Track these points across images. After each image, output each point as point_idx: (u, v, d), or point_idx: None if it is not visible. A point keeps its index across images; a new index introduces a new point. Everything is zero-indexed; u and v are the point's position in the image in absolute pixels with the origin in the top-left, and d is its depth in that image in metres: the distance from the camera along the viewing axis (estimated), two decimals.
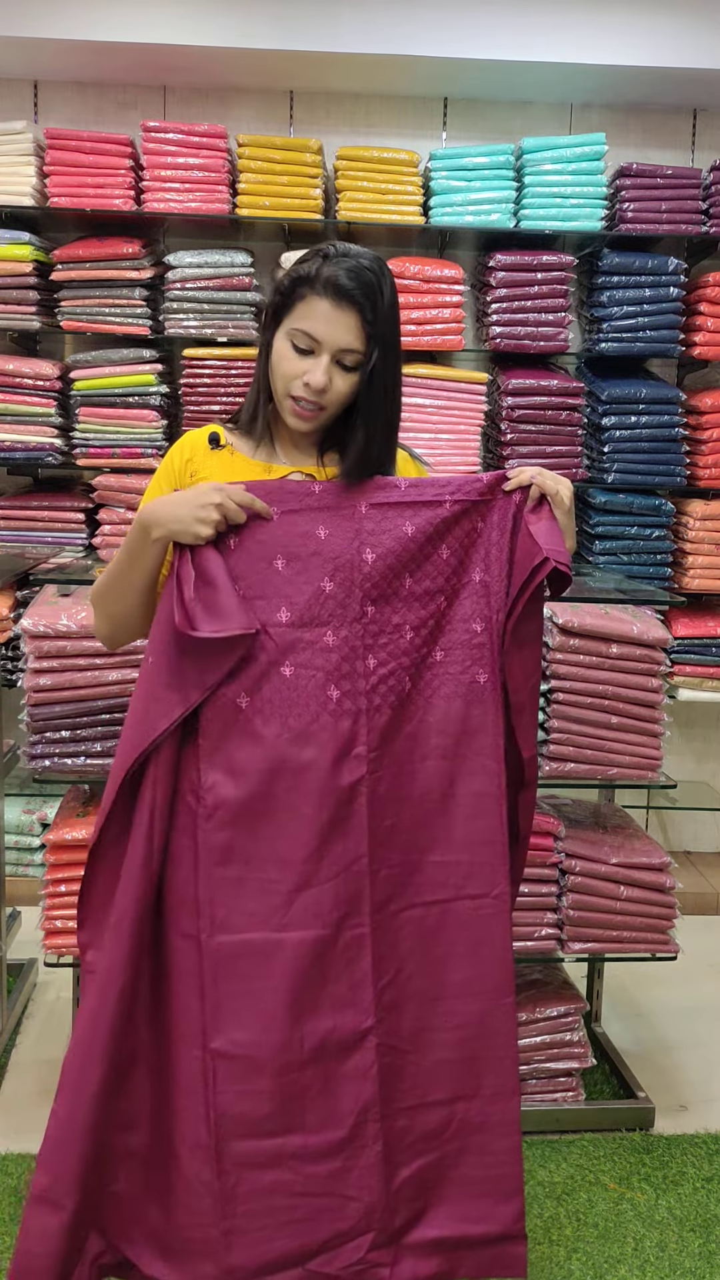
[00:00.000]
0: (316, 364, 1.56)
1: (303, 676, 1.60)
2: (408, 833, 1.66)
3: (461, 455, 3.72)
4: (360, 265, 1.56)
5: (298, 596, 1.60)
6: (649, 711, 2.49)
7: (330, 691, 1.60)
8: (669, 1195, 2.34)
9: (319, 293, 1.55)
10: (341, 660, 1.61)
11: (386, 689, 1.64)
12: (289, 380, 1.59)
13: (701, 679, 3.80)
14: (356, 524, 1.63)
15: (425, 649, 1.66)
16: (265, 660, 1.59)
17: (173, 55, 3.57)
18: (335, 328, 1.55)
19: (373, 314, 1.56)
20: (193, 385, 3.64)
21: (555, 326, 3.68)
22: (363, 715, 1.62)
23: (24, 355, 3.77)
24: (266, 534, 1.60)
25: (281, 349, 1.59)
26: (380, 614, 1.64)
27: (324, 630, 1.61)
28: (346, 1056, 1.61)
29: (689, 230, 3.68)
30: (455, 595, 1.67)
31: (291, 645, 1.59)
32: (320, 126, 3.90)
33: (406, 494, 1.65)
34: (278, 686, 1.59)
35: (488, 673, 1.67)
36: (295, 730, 1.60)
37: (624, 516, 3.76)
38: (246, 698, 1.59)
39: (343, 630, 1.61)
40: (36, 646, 2.36)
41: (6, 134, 3.54)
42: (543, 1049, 2.57)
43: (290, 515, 1.61)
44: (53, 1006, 3.06)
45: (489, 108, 3.93)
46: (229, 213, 3.60)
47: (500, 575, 1.67)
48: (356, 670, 1.62)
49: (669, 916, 2.54)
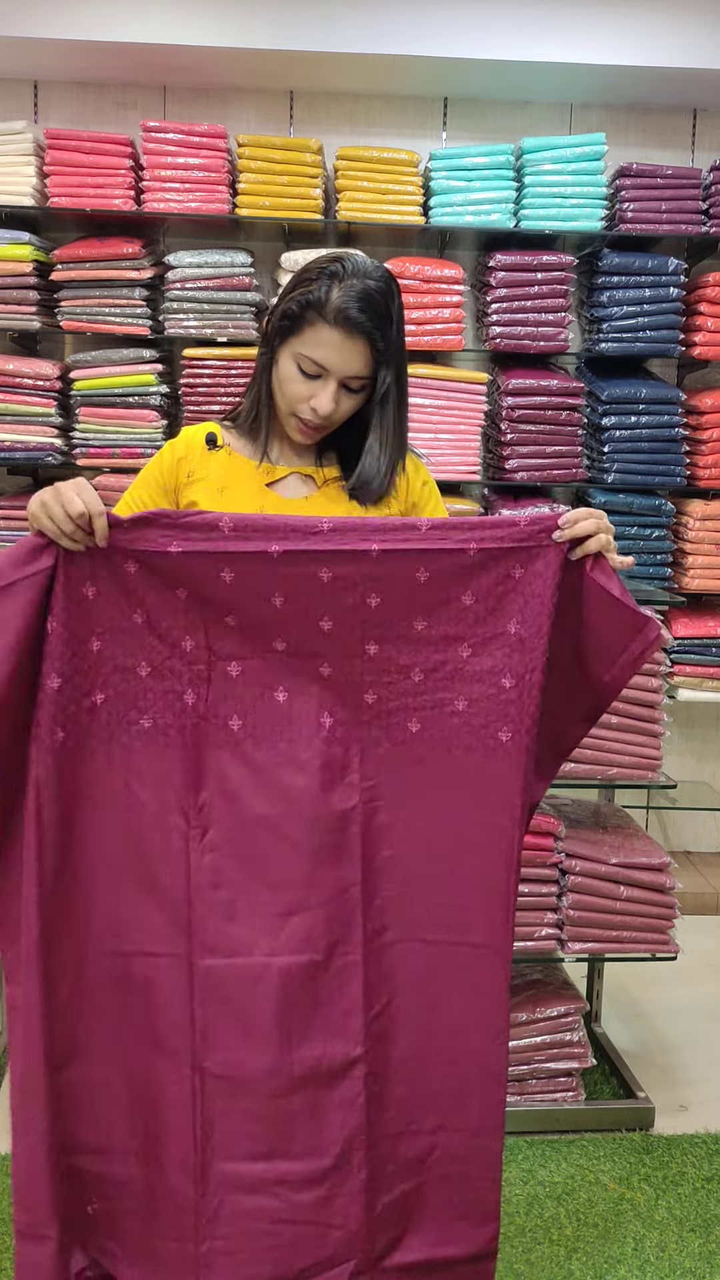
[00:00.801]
0: (324, 390, 1.55)
1: (296, 703, 1.56)
2: (410, 866, 1.62)
3: (461, 455, 3.72)
4: (370, 290, 1.53)
5: (294, 630, 1.55)
6: (649, 711, 2.49)
7: (323, 719, 1.57)
8: (669, 1195, 2.34)
9: (329, 322, 1.52)
10: (337, 692, 1.57)
11: (386, 724, 1.58)
12: (295, 402, 1.58)
13: (701, 679, 3.80)
14: (365, 569, 1.53)
15: (443, 695, 1.58)
16: (259, 684, 1.56)
17: (173, 55, 3.58)
18: (345, 357, 1.54)
19: (383, 341, 1.54)
20: (193, 385, 3.65)
21: (555, 326, 3.68)
22: (355, 745, 1.57)
23: (24, 355, 3.77)
24: (266, 571, 1.52)
25: (288, 370, 1.57)
26: (383, 653, 1.57)
27: (320, 661, 1.56)
28: (334, 1085, 1.59)
29: (689, 230, 3.68)
30: (484, 645, 1.57)
31: (286, 671, 1.56)
32: (320, 126, 3.90)
33: (426, 538, 1.53)
34: (270, 710, 1.57)
35: (512, 731, 1.58)
36: (286, 754, 1.57)
37: (624, 516, 3.76)
38: (239, 720, 1.57)
39: (339, 663, 1.56)
40: None
41: (6, 134, 3.54)
42: (543, 1049, 2.56)
43: (292, 555, 1.51)
44: None
45: (489, 108, 3.93)
46: (229, 213, 3.60)
47: (541, 630, 1.56)
48: (353, 702, 1.57)
49: (669, 916, 2.54)
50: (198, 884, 1.57)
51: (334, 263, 1.55)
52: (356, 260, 1.56)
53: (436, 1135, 1.65)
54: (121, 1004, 1.62)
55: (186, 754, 1.58)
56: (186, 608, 1.55)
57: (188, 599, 1.55)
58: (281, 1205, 1.58)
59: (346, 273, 1.53)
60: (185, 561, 1.52)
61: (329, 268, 1.54)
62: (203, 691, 1.58)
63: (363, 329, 1.52)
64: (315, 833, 1.58)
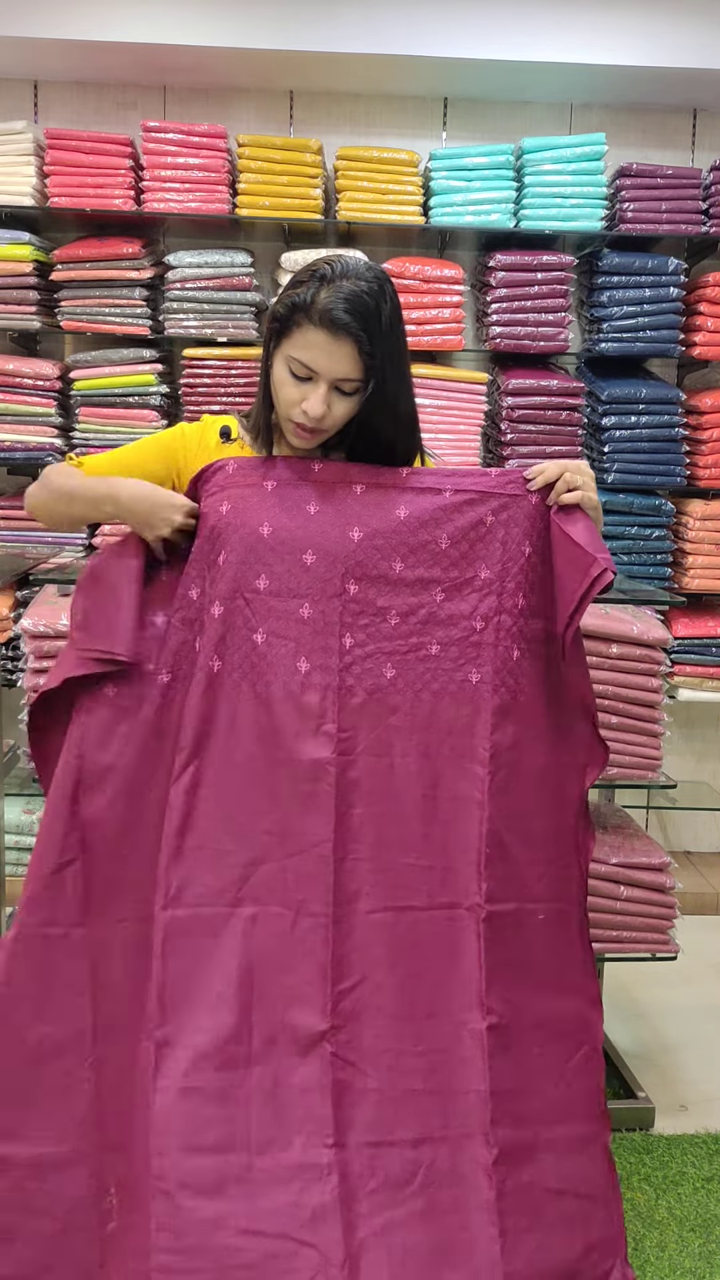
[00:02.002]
0: (314, 392, 1.55)
1: (274, 645, 1.58)
2: (380, 827, 1.59)
3: (461, 455, 3.72)
4: (357, 291, 1.51)
5: (278, 565, 1.59)
6: (649, 711, 2.49)
7: (300, 663, 1.58)
8: (669, 1195, 2.34)
9: (314, 323, 1.51)
10: (315, 634, 1.59)
11: (361, 670, 1.60)
12: (288, 406, 1.58)
13: (701, 679, 3.80)
14: (348, 503, 1.62)
15: (417, 639, 1.62)
16: (240, 625, 1.58)
17: (173, 55, 3.57)
18: (332, 359, 1.53)
19: (370, 343, 1.52)
20: (193, 385, 3.64)
21: (555, 326, 3.68)
22: (331, 692, 1.58)
23: (24, 355, 3.77)
24: (258, 500, 1.60)
25: (280, 374, 1.58)
26: (363, 593, 1.61)
27: (301, 602, 1.59)
28: (298, 1061, 1.51)
29: (689, 230, 3.68)
30: (457, 589, 1.62)
31: (266, 613, 1.58)
32: (320, 126, 3.90)
33: (406, 480, 1.64)
34: (248, 653, 1.58)
35: (480, 674, 1.62)
36: (261, 698, 1.58)
37: (624, 516, 3.76)
38: (219, 661, 1.58)
39: (320, 604, 1.59)
40: (36, 646, 2.36)
41: (6, 134, 3.54)
42: None
43: (284, 488, 1.61)
44: None
45: (489, 108, 3.92)
46: (229, 213, 3.60)
47: (516, 576, 1.63)
48: (330, 646, 1.59)
49: (669, 916, 2.53)
50: (168, 829, 1.57)
51: (325, 265, 1.54)
52: (348, 262, 1.55)
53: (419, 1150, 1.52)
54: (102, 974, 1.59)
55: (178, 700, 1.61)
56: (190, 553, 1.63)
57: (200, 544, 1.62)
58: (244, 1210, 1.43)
59: (335, 274, 1.52)
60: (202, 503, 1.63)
61: (319, 270, 1.54)
62: (193, 635, 1.61)
63: (348, 330, 1.51)
64: (286, 780, 1.57)
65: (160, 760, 1.61)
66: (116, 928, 1.59)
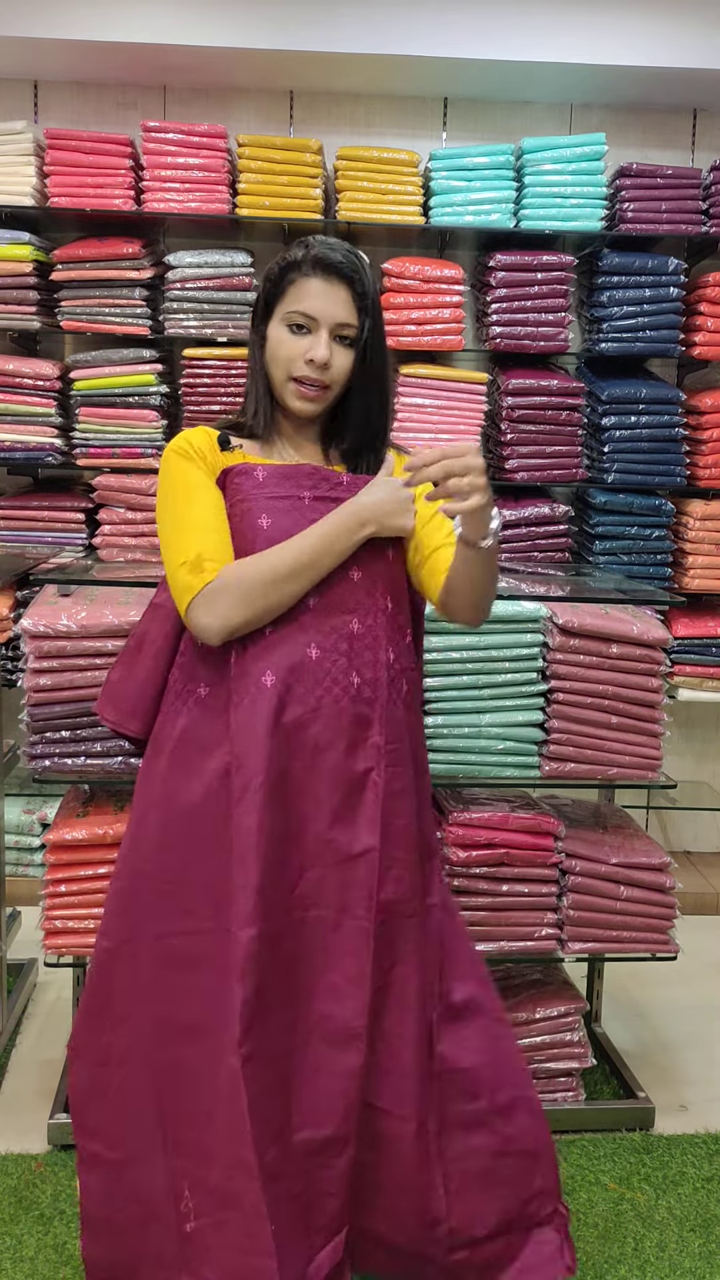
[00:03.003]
0: (317, 340, 1.59)
1: (326, 660, 1.60)
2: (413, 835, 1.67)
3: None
4: (340, 245, 1.62)
5: (329, 581, 1.60)
6: (649, 711, 2.49)
7: (352, 678, 1.61)
8: (669, 1195, 2.34)
9: (310, 273, 1.60)
10: (365, 648, 1.62)
11: (399, 684, 1.66)
12: (291, 362, 1.61)
13: (701, 679, 3.80)
14: None
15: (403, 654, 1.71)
16: (293, 640, 1.59)
17: (173, 55, 3.57)
18: (330, 302, 1.59)
19: (362, 287, 1.60)
20: (193, 385, 3.64)
21: (555, 326, 3.68)
22: (379, 705, 1.63)
23: (24, 355, 3.77)
24: (304, 520, 1.60)
25: (279, 334, 1.62)
26: (397, 611, 1.68)
27: (350, 618, 1.62)
28: (338, 1051, 1.60)
29: (689, 230, 3.68)
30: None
31: (317, 628, 1.60)
32: (320, 126, 3.90)
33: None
34: (303, 667, 1.60)
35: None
36: (314, 711, 1.60)
37: (624, 516, 3.76)
38: (272, 676, 1.59)
39: (368, 619, 1.63)
40: (36, 646, 2.36)
41: (6, 134, 3.54)
42: (543, 1049, 2.56)
43: (321, 502, 1.62)
44: (53, 1006, 3.06)
45: (489, 108, 3.93)
46: (229, 213, 3.60)
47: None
48: (379, 660, 1.63)
49: (669, 916, 2.54)
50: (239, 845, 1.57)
51: (304, 239, 1.65)
52: (327, 238, 1.66)
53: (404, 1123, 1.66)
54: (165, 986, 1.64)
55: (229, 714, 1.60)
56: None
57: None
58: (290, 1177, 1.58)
59: (317, 240, 1.63)
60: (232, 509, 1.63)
61: (300, 240, 1.65)
62: (241, 653, 1.60)
63: (342, 273, 1.59)
64: (336, 790, 1.61)
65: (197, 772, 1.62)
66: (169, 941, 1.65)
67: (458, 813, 2.47)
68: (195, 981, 1.61)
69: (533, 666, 2.46)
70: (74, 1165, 2.36)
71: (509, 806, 2.53)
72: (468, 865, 2.42)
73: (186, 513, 1.60)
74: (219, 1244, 1.57)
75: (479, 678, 2.46)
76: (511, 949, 2.48)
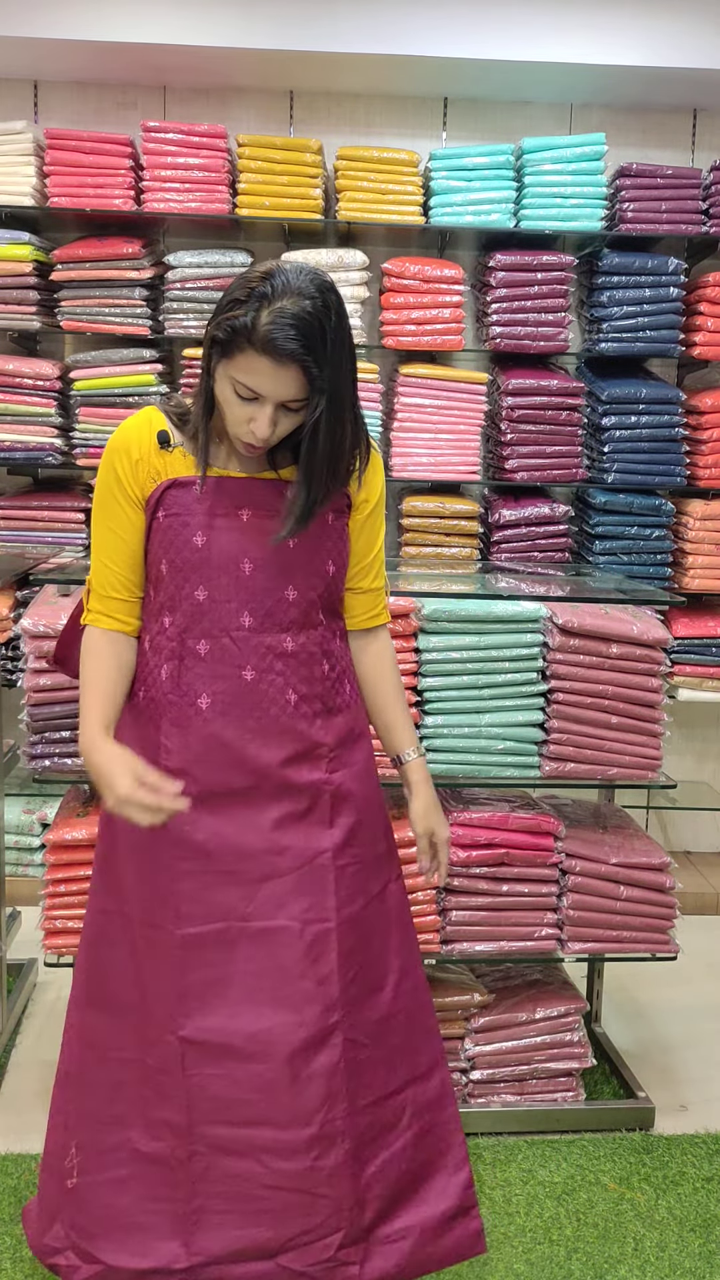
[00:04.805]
0: (261, 413, 1.50)
1: (263, 681, 1.63)
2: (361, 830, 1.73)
3: (461, 455, 3.72)
4: (299, 313, 1.43)
5: (264, 600, 1.62)
6: (649, 711, 2.49)
7: (289, 695, 1.65)
8: (669, 1195, 2.34)
9: (257, 350, 1.44)
10: (300, 665, 1.65)
11: (333, 692, 1.70)
12: (235, 425, 1.54)
13: (701, 679, 3.80)
14: (325, 529, 1.65)
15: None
16: (228, 663, 1.62)
17: (173, 55, 3.57)
18: (277, 384, 1.47)
19: (316, 365, 1.46)
20: (192, 385, 3.64)
21: (555, 326, 3.68)
22: (319, 718, 1.67)
23: (24, 355, 3.77)
24: (238, 535, 1.61)
25: (225, 393, 1.52)
26: (331, 624, 1.71)
27: (284, 636, 1.64)
28: (315, 1052, 1.63)
29: (689, 230, 3.68)
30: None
31: (253, 650, 1.62)
32: (320, 126, 3.90)
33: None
34: (238, 691, 1.63)
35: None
36: (254, 731, 1.64)
37: (624, 516, 3.76)
38: (207, 699, 1.63)
39: (300, 636, 1.65)
40: (36, 646, 2.36)
41: (6, 134, 3.53)
42: (543, 1049, 2.56)
43: (259, 519, 1.62)
44: (53, 1006, 3.05)
45: (489, 108, 3.92)
46: (229, 213, 3.59)
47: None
48: (315, 675, 1.67)
49: (669, 916, 2.54)
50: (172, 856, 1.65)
51: (264, 281, 1.46)
52: (288, 276, 1.46)
53: (405, 1092, 1.74)
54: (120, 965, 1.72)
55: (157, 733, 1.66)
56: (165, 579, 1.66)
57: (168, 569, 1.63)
58: (267, 1172, 1.63)
59: (275, 292, 1.44)
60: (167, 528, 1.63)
61: (258, 288, 1.45)
62: (174, 670, 1.64)
63: (294, 356, 1.44)
64: (284, 803, 1.66)
65: None
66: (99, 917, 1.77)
67: (458, 812, 2.47)
68: (119, 962, 1.71)
69: (533, 666, 2.46)
70: None
71: (509, 806, 2.53)
72: (468, 865, 2.42)
73: (98, 540, 1.67)
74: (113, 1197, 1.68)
75: (479, 678, 2.46)
76: (511, 949, 2.48)
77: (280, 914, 1.64)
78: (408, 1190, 1.74)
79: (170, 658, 1.63)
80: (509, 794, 2.65)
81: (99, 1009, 1.73)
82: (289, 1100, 1.62)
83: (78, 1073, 1.75)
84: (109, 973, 1.72)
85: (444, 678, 2.46)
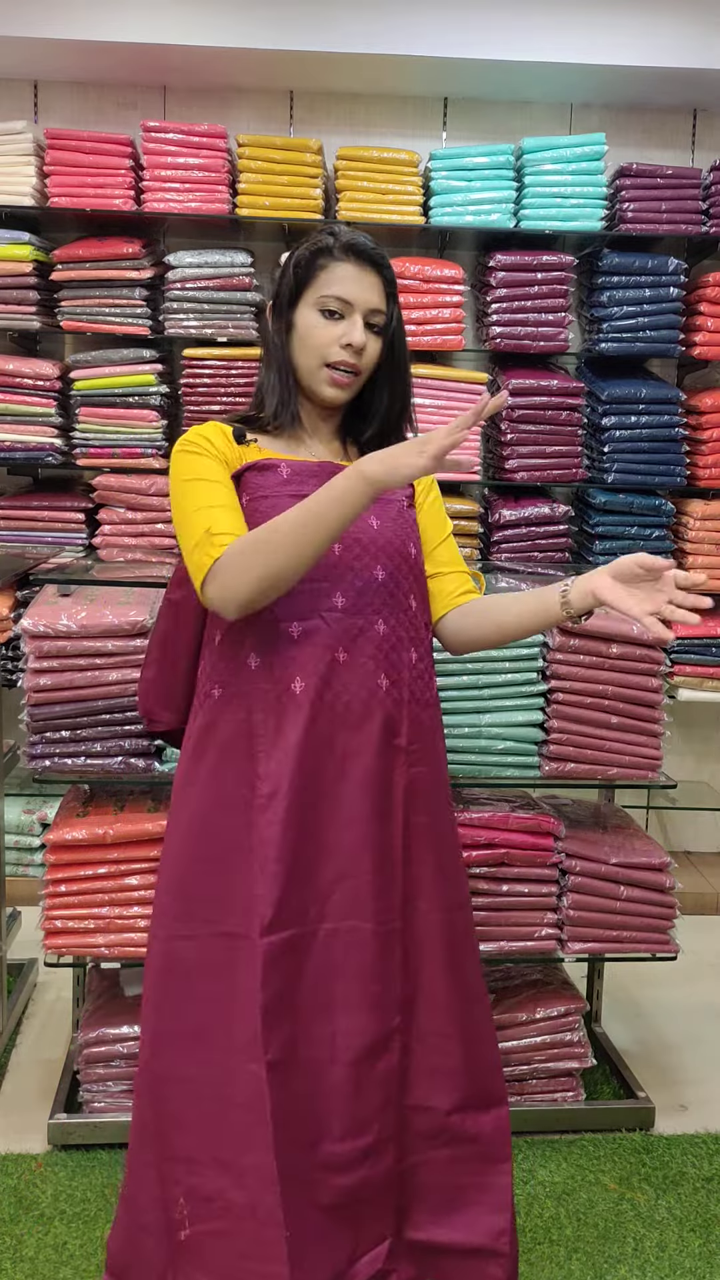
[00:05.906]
0: (352, 324, 1.59)
1: (355, 664, 1.59)
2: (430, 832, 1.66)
3: (461, 455, 3.71)
4: (365, 235, 1.65)
5: (354, 581, 1.59)
6: (649, 711, 2.49)
7: (380, 680, 1.60)
8: (669, 1195, 2.34)
9: (342, 258, 1.60)
10: (390, 650, 1.61)
11: (421, 685, 1.65)
12: (324, 348, 1.59)
13: (701, 679, 3.80)
14: (401, 514, 1.66)
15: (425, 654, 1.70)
16: (321, 644, 1.57)
17: (173, 55, 3.58)
18: (363, 288, 1.60)
19: (390, 274, 1.63)
20: (193, 385, 3.64)
21: (555, 326, 3.68)
22: (404, 706, 1.62)
23: (24, 355, 3.77)
24: None
25: (310, 320, 1.60)
26: (421, 610, 1.67)
27: (376, 619, 1.60)
28: (376, 1057, 1.59)
29: (689, 230, 3.68)
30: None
31: (345, 631, 1.58)
32: (320, 126, 3.90)
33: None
34: (332, 673, 1.58)
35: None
36: (344, 717, 1.58)
37: (624, 516, 3.76)
38: (302, 683, 1.57)
39: (392, 620, 1.62)
40: (36, 646, 2.36)
41: (6, 134, 3.54)
42: (543, 1049, 2.56)
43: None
44: (53, 1006, 3.06)
45: (489, 108, 3.93)
46: (229, 213, 3.60)
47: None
48: (403, 661, 1.62)
49: (669, 916, 2.54)
50: (261, 856, 1.55)
51: (325, 226, 1.66)
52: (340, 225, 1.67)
53: (453, 1117, 1.66)
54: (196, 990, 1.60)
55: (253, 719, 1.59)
56: None
57: None
58: (329, 1190, 1.56)
59: (339, 228, 1.65)
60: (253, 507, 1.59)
61: (322, 228, 1.65)
62: (265, 656, 1.58)
63: (372, 259, 1.61)
64: (368, 797, 1.59)
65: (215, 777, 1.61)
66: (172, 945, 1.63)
67: (458, 812, 2.47)
68: (195, 989, 1.58)
69: (533, 666, 2.46)
70: (74, 1165, 2.37)
71: (509, 806, 2.53)
72: (468, 865, 2.42)
73: (193, 496, 1.55)
74: (218, 1251, 1.54)
75: (479, 678, 2.46)
76: (511, 949, 2.48)
77: (352, 915, 1.57)
78: (437, 1208, 1.67)
79: (258, 645, 1.57)
80: (509, 794, 2.64)
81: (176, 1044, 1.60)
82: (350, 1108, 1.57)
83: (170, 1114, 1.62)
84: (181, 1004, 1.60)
85: (444, 677, 2.46)
